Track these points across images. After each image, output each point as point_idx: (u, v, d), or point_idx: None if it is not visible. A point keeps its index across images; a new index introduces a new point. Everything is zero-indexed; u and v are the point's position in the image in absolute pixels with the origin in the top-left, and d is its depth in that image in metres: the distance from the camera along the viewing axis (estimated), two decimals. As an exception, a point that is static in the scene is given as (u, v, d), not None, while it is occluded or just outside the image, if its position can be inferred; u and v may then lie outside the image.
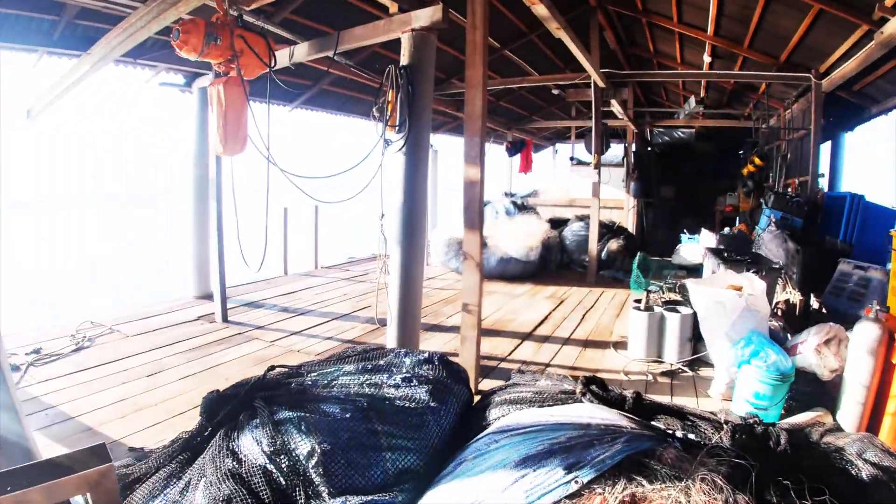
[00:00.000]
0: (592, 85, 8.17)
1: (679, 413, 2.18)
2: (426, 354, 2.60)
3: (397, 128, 4.12)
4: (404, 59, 4.16)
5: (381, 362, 2.58)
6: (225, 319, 5.92)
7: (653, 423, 2.05)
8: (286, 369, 2.58)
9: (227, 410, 2.21)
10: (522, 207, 11.05)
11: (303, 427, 1.96)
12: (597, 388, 2.29)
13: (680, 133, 13.60)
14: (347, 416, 2.05)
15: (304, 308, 6.63)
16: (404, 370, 2.47)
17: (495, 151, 15.20)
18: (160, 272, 17.68)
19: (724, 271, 5.07)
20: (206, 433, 2.21)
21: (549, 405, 2.22)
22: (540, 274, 9.09)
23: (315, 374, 2.52)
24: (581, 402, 2.23)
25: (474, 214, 4.17)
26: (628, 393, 2.24)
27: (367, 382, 2.32)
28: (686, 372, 4.71)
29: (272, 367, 2.51)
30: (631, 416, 2.04)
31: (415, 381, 2.33)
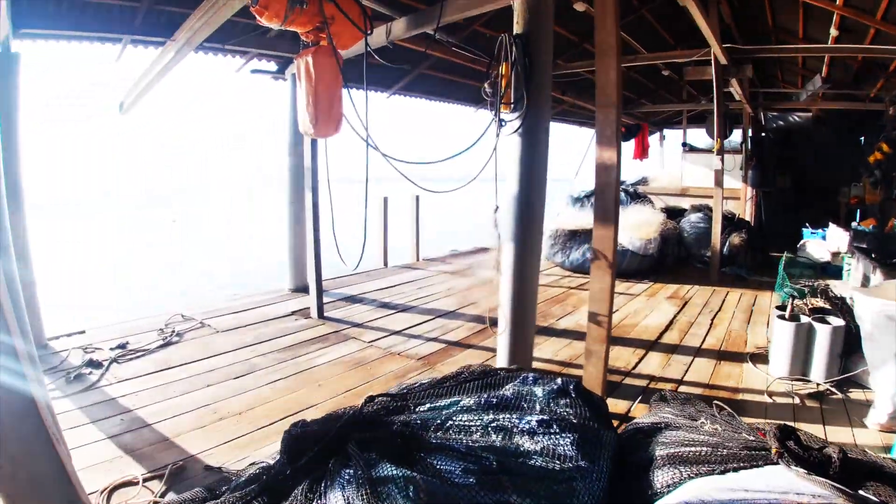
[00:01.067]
0: (713, 62, 7.25)
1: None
2: (559, 382, 2.07)
3: (512, 106, 3.60)
4: (518, 28, 3.61)
5: (507, 392, 2.05)
6: (321, 315, 5.61)
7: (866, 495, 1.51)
8: (388, 398, 2.12)
9: (313, 453, 1.78)
10: (635, 196, 10.26)
11: (411, 493, 1.48)
12: (795, 446, 1.68)
13: (796, 117, 12.22)
14: (472, 480, 1.56)
15: (405, 304, 6.22)
16: (537, 406, 1.94)
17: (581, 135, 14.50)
18: (260, 262, 18.03)
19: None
20: (287, 476, 1.81)
21: (734, 468, 1.66)
22: (657, 269, 8.22)
23: (425, 407, 2.03)
24: (777, 464, 1.64)
25: (608, 204, 3.50)
26: (833, 452, 1.63)
27: (494, 425, 1.82)
28: (835, 394, 3.92)
29: (371, 398, 2.05)
30: (841, 487, 1.50)
31: (555, 425, 1.80)
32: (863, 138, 10.63)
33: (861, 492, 1.51)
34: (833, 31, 6.74)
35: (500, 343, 3.76)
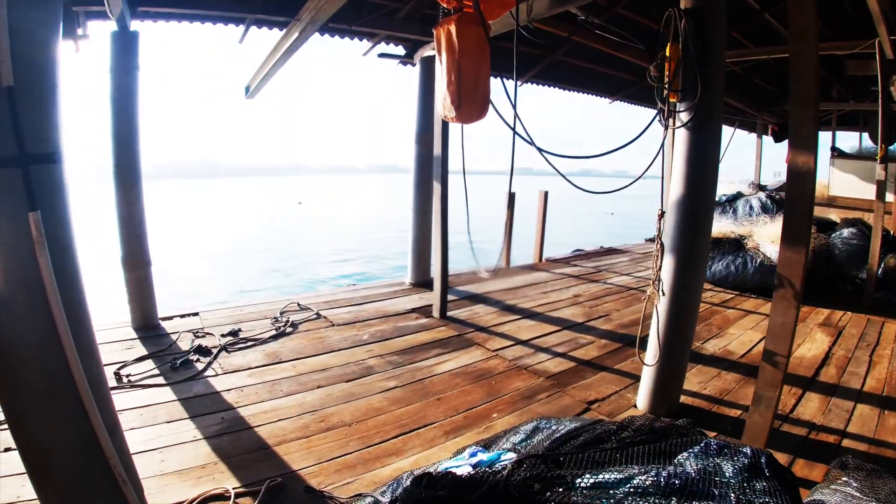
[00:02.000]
0: (878, 55, 6.01)
1: None
2: (748, 454, 1.61)
3: (681, 94, 3.03)
4: (686, 2, 3.04)
5: (690, 469, 1.55)
6: (443, 315, 5.22)
7: None
8: (536, 458, 1.68)
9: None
10: (781, 203, 9.12)
11: None
12: None
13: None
14: None
15: (531, 309, 5.67)
16: (731, 496, 1.45)
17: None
18: (380, 252, 18.28)
19: None
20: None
21: None
22: (805, 289, 6.89)
23: (587, 482, 1.55)
24: None
25: (801, 221, 2.67)
26: None
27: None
28: None
29: (519, 463, 1.62)
30: None
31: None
32: None
33: None
34: None
35: (648, 375, 3.23)
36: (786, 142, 11.58)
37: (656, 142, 3.22)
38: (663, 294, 3.18)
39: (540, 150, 2.82)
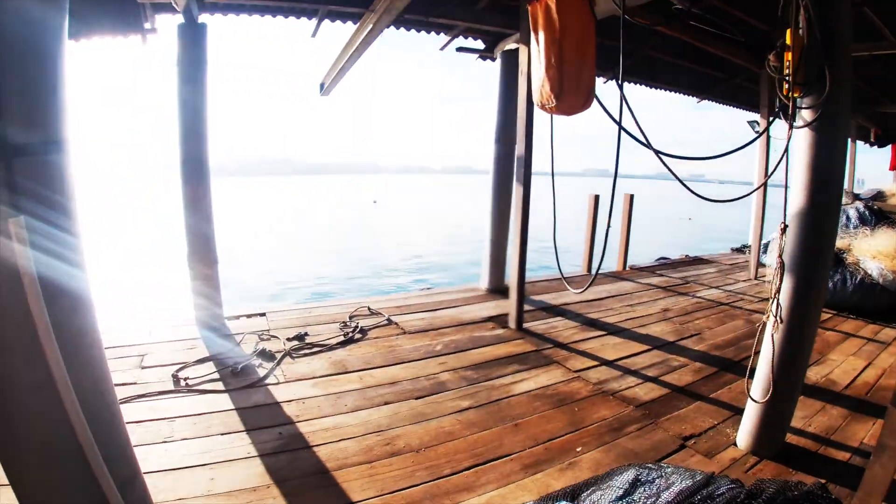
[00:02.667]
0: None
1: None
2: None
3: (804, 88, 2.56)
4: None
5: None
6: (520, 327, 4.84)
7: None
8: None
9: None
10: (881, 215, 8.18)
11: None
12: None
13: None
14: None
15: (615, 324, 5.20)
16: None
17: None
18: (453, 255, 18.08)
19: None
20: None
21: None
22: None
23: None
24: None
25: None
26: None
27: None
28: None
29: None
30: None
31: None
32: None
33: None
34: None
35: (753, 411, 2.80)
36: (889, 147, 10.56)
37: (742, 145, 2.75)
38: (781, 321, 2.71)
39: (657, 152, 2.42)
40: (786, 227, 2.65)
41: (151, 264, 16.12)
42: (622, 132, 2.34)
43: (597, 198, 7.87)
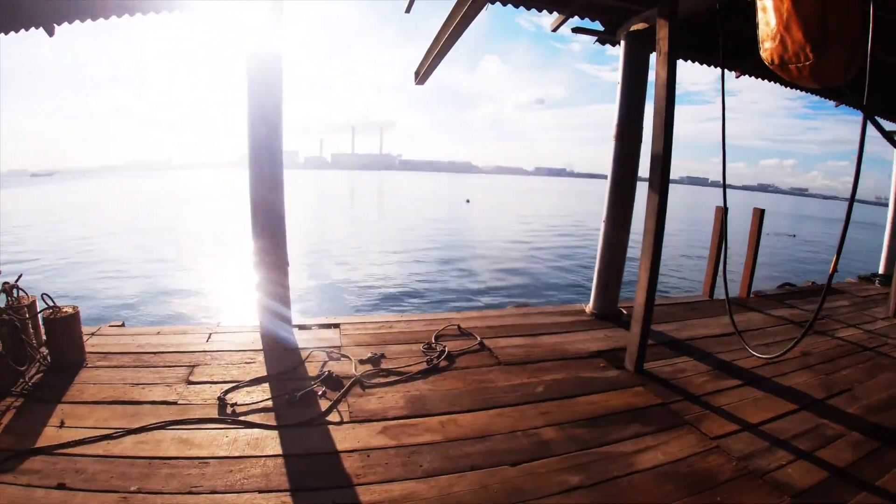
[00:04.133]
0: None
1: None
2: None
3: None
4: None
5: None
6: (639, 369, 3.90)
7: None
8: None
9: None
10: None
11: None
12: None
13: None
14: None
15: (751, 370, 4.15)
16: None
17: None
18: (547, 264, 17.04)
19: None
20: None
21: None
22: None
23: None
24: None
25: None
26: None
27: None
28: None
29: None
30: None
31: None
32: None
33: None
34: None
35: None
36: None
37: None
38: None
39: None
40: None
41: (228, 257, 16.10)
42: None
43: (724, 211, 6.73)
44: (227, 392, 3.21)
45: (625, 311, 5.15)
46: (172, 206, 42.80)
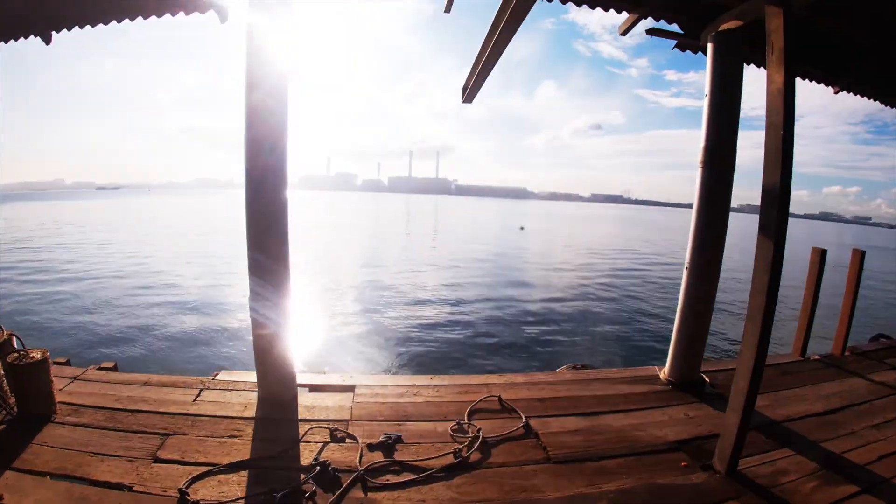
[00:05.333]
0: None
1: None
2: None
3: None
4: None
5: None
6: (732, 469, 2.88)
7: None
8: None
9: None
10: None
11: None
12: None
13: None
14: None
15: (867, 466, 3.07)
16: None
17: None
18: (614, 313, 15.50)
19: None
20: None
21: None
22: None
23: None
24: None
25: None
26: None
27: None
28: None
29: None
30: None
31: None
32: None
33: None
34: None
35: None
36: None
37: None
38: None
39: None
40: None
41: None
42: None
43: (823, 253, 5.58)
44: (194, 480, 2.51)
45: (708, 380, 4.13)
46: (216, 225, 43.32)
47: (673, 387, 4.08)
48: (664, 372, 4.24)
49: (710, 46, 3.91)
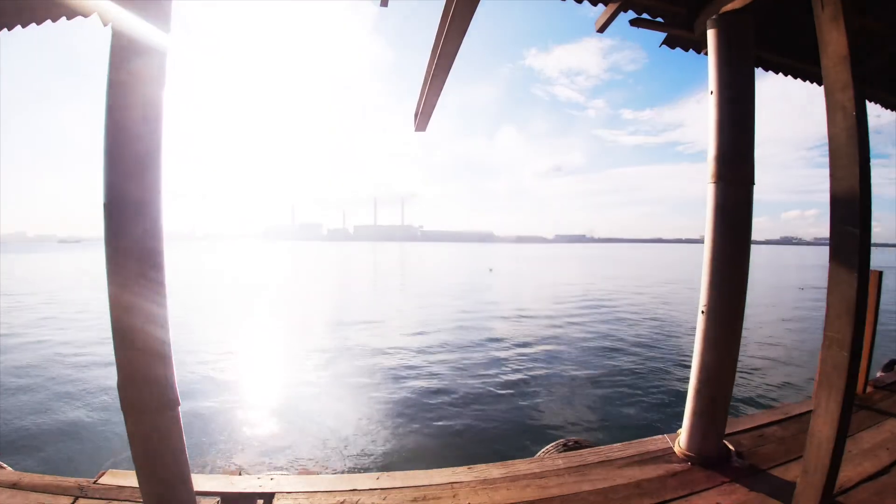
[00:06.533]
0: None
1: None
2: None
3: None
4: None
5: None
6: None
7: None
8: None
9: None
10: None
11: None
12: None
13: None
14: None
15: None
16: None
17: None
18: (594, 345, 14.26)
19: None
20: None
21: None
22: None
23: None
24: None
25: None
26: None
27: None
28: None
29: None
30: None
31: None
32: None
33: None
34: None
35: None
36: None
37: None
38: None
39: None
40: None
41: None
42: None
43: (879, 276, 4.80)
44: None
45: (733, 448, 3.26)
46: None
47: (692, 463, 3.17)
48: (679, 444, 3.32)
49: (710, 33, 3.15)
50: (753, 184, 2.96)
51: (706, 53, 3.29)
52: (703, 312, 3.07)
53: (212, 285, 34.23)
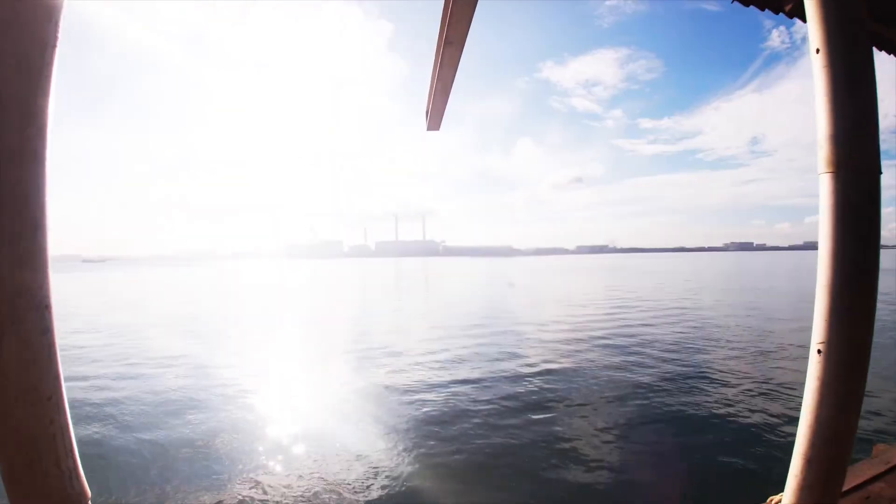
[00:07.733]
0: None
1: None
2: None
3: None
4: None
5: None
6: None
7: None
8: None
9: None
10: None
11: None
12: None
13: None
14: None
15: None
16: None
17: None
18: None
19: None
20: None
21: None
22: None
23: None
24: None
25: None
26: None
27: None
28: None
29: None
30: None
31: None
32: None
33: None
34: None
35: None
36: None
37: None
38: None
39: None
40: None
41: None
42: None
43: None
44: None
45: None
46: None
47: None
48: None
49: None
50: (880, 173, 2.18)
51: (788, 11, 2.58)
52: (819, 352, 2.27)
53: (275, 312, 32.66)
